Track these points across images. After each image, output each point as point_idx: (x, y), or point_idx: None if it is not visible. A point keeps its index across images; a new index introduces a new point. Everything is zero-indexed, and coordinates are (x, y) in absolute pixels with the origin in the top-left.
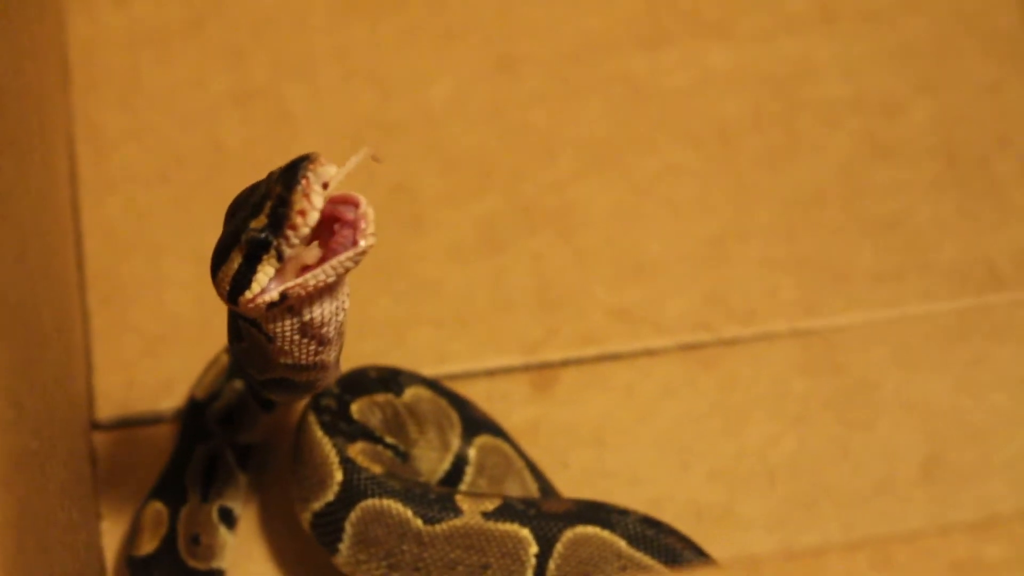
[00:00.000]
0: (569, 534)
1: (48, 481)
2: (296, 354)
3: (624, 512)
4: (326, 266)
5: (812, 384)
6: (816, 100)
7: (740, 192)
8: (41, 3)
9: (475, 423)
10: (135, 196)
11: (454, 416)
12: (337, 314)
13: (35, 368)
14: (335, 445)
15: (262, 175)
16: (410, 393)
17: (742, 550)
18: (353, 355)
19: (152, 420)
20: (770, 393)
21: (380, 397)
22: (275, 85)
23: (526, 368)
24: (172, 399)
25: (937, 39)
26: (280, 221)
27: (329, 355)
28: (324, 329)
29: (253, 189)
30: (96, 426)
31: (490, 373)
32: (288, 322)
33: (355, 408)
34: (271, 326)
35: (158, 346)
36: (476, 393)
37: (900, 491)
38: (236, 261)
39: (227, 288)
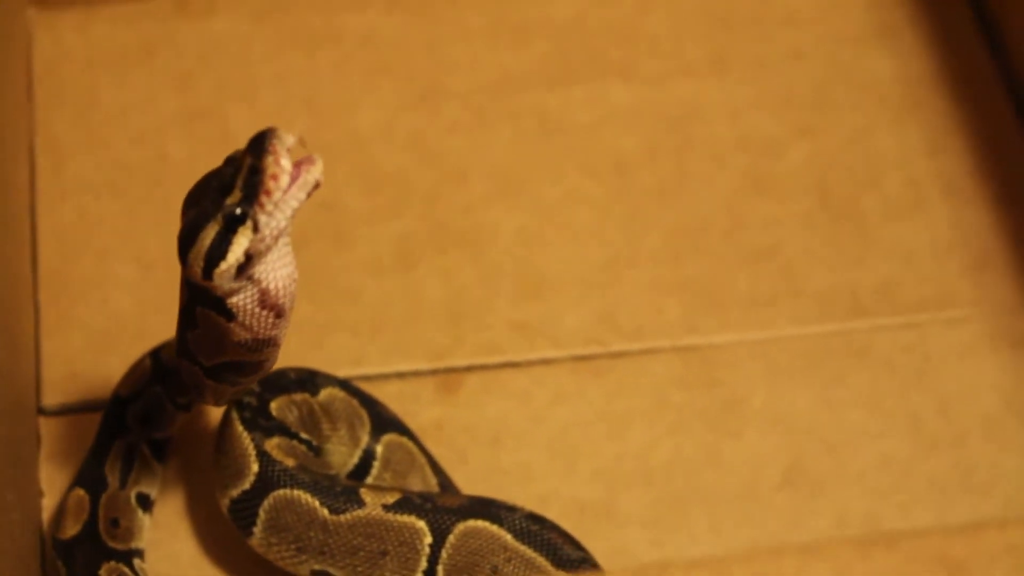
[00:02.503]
0: (461, 527)
1: None
2: (256, 327)
3: (512, 508)
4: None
5: (689, 396)
6: (705, 139)
7: (633, 220)
8: (10, 25)
9: (383, 422)
10: (87, 204)
11: (364, 415)
12: (290, 284)
13: None
14: (253, 439)
15: None
16: (325, 393)
17: (619, 545)
18: None
19: (93, 408)
20: (651, 403)
21: (297, 396)
22: (219, 107)
23: (433, 372)
24: (111, 390)
25: (816, 87)
26: (255, 189)
27: (282, 330)
28: (281, 299)
29: (210, 178)
30: (41, 411)
31: (400, 376)
32: (249, 293)
33: (274, 406)
34: (234, 300)
35: (101, 341)
36: (387, 394)
37: (763, 495)
38: (208, 238)
39: (201, 265)
